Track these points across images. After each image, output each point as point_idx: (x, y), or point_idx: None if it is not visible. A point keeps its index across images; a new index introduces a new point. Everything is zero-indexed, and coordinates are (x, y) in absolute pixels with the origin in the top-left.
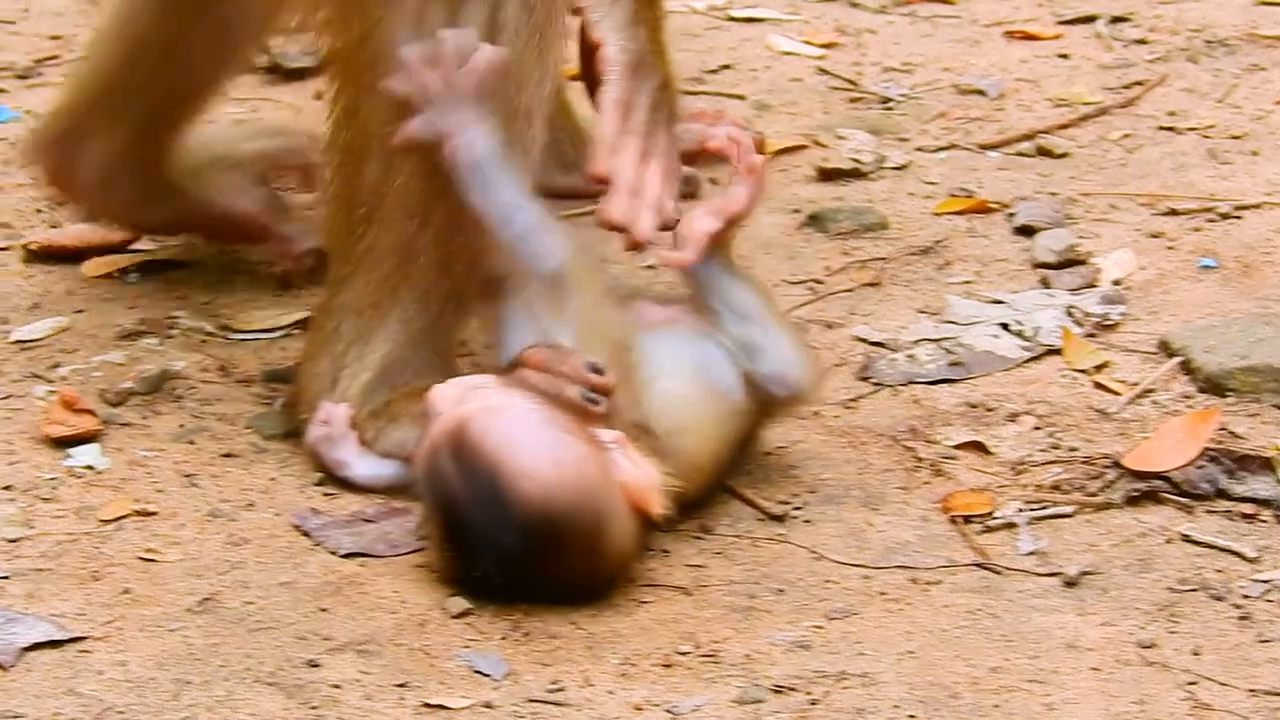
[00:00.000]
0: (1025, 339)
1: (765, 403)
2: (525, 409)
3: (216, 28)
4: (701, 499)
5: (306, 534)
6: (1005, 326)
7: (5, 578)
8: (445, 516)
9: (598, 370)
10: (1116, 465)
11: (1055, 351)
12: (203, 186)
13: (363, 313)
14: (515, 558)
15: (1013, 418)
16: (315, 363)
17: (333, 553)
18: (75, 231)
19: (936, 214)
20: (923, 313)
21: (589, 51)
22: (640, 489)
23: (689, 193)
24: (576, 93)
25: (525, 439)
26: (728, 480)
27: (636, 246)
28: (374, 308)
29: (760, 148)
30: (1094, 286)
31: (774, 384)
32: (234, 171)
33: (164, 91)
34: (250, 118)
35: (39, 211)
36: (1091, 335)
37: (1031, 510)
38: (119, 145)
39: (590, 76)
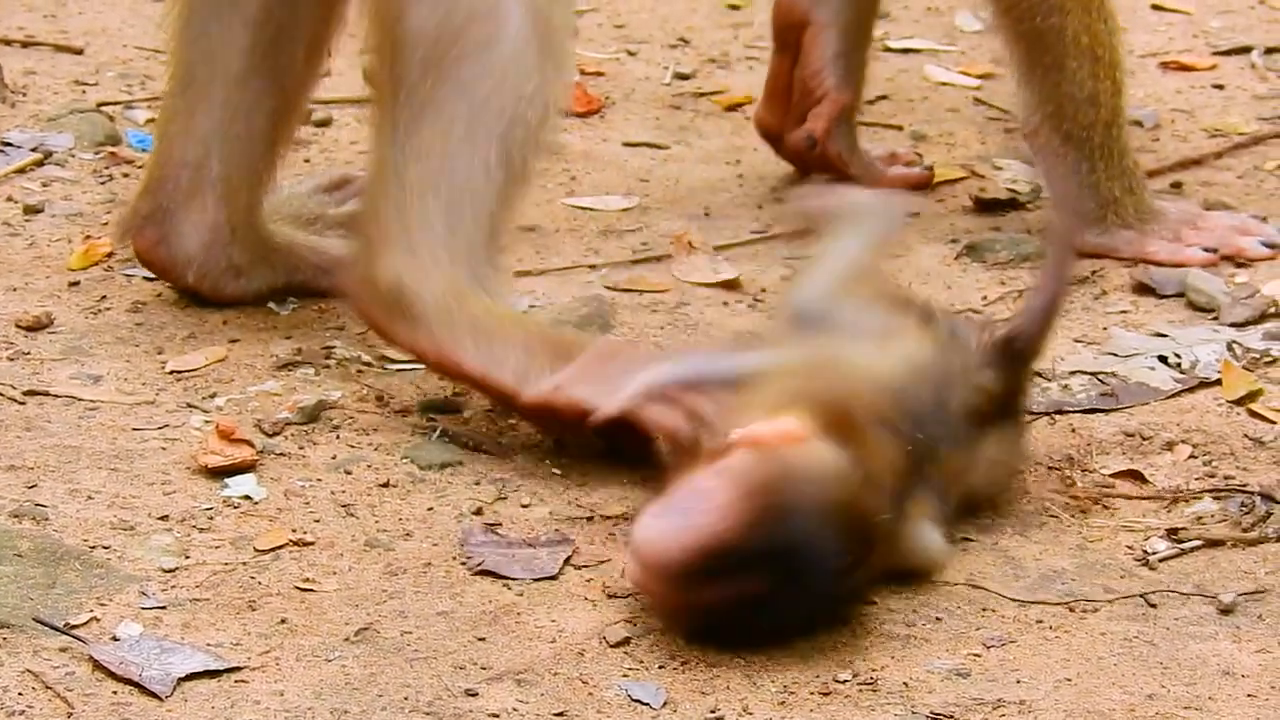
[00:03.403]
0: (1182, 371)
1: None
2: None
3: (280, 87)
4: None
5: (464, 563)
6: (1163, 359)
7: (162, 608)
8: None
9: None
10: (1272, 494)
11: (1212, 382)
12: (293, 247)
13: (424, 159)
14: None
15: (1169, 446)
16: (380, 206)
17: (493, 578)
18: None
19: None
20: (1079, 342)
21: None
22: None
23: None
24: None
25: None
26: None
27: None
28: (434, 153)
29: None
30: (1257, 322)
31: None
32: (316, 225)
33: (242, 156)
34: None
35: None
36: (1248, 369)
37: (1187, 538)
38: (209, 217)
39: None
